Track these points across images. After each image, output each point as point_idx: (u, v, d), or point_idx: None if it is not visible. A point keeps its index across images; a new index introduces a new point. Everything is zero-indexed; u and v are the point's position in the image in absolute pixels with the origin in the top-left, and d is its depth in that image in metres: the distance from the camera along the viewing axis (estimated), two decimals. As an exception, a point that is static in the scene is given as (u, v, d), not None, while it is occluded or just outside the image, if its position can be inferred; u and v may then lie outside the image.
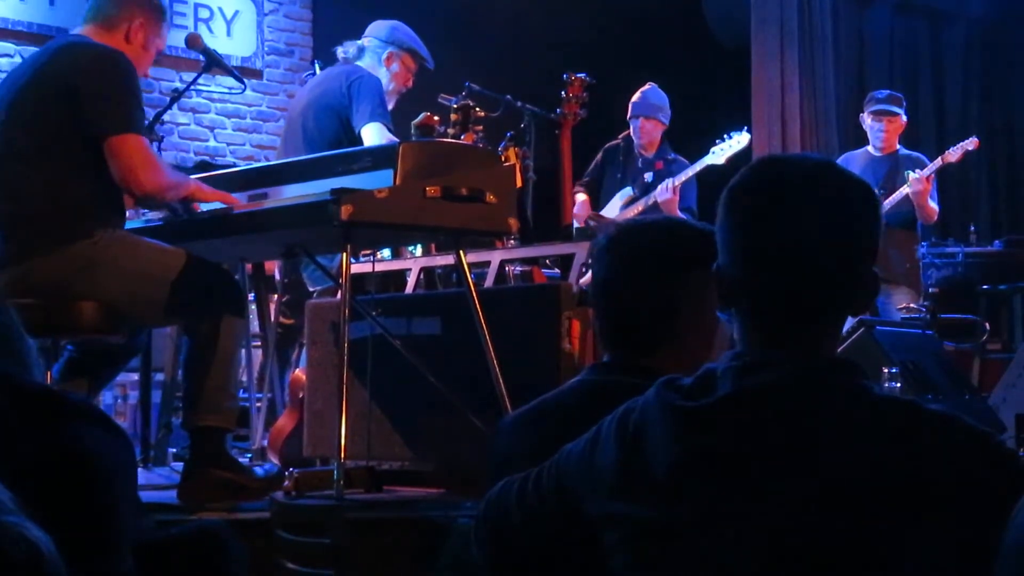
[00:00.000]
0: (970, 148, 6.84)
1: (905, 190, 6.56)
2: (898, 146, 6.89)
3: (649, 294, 2.14)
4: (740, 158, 6.45)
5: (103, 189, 3.72)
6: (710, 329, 2.16)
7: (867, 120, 6.91)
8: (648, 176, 6.77)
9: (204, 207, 3.97)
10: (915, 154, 6.90)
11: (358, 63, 5.27)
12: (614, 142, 6.93)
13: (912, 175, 6.53)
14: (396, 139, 4.83)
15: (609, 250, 2.20)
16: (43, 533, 1.27)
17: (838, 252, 1.61)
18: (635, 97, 6.83)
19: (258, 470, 3.89)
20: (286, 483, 3.51)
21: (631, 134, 6.86)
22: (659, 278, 2.14)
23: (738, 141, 6.62)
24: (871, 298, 1.67)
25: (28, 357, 1.79)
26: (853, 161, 6.86)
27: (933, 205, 6.63)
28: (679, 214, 6.52)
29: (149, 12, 4.00)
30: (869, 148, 6.93)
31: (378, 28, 5.38)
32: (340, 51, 5.37)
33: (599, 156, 6.93)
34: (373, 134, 4.94)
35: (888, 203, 6.56)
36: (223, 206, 3.93)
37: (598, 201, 6.82)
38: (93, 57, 3.76)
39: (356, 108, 5.03)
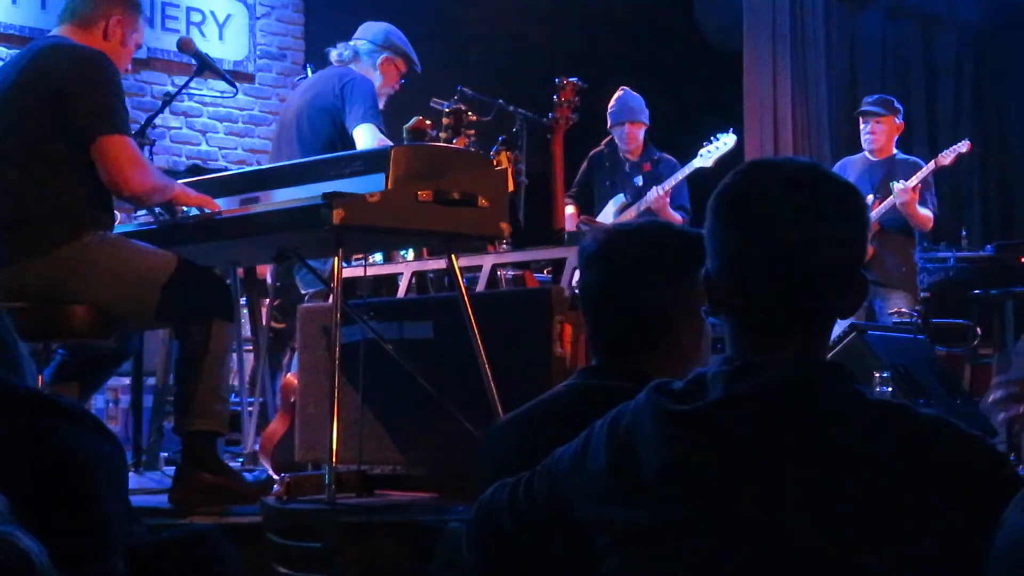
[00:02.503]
0: (962, 150, 6.85)
1: (892, 200, 6.56)
2: (895, 150, 6.88)
3: (641, 299, 2.14)
4: (729, 159, 6.47)
5: (91, 192, 3.72)
6: (699, 333, 2.16)
7: (860, 123, 6.93)
8: (638, 180, 6.79)
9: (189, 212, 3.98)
10: (912, 158, 6.89)
11: (352, 66, 5.28)
12: (598, 149, 6.96)
13: (897, 185, 6.52)
14: (388, 140, 4.84)
15: (599, 255, 2.20)
16: (35, 543, 1.27)
17: (826, 255, 1.61)
18: (612, 105, 6.86)
19: (248, 476, 3.89)
20: (277, 487, 3.51)
21: (616, 141, 6.88)
22: (651, 283, 2.14)
23: (724, 143, 6.64)
24: (860, 301, 1.67)
25: (21, 362, 1.78)
26: (850, 166, 6.86)
27: (925, 212, 6.61)
28: (672, 214, 6.55)
29: (125, 8, 3.99)
30: (865, 153, 6.93)
31: (371, 31, 5.38)
32: (333, 53, 5.37)
33: (584, 165, 6.96)
34: (365, 135, 4.94)
35: (882, 207, 6.56)
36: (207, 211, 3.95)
37: (591, 209, 6.83)
38: (77, 59, 3.76)
39: (349, 110, 5.03)
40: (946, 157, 6.78)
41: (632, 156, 6.86)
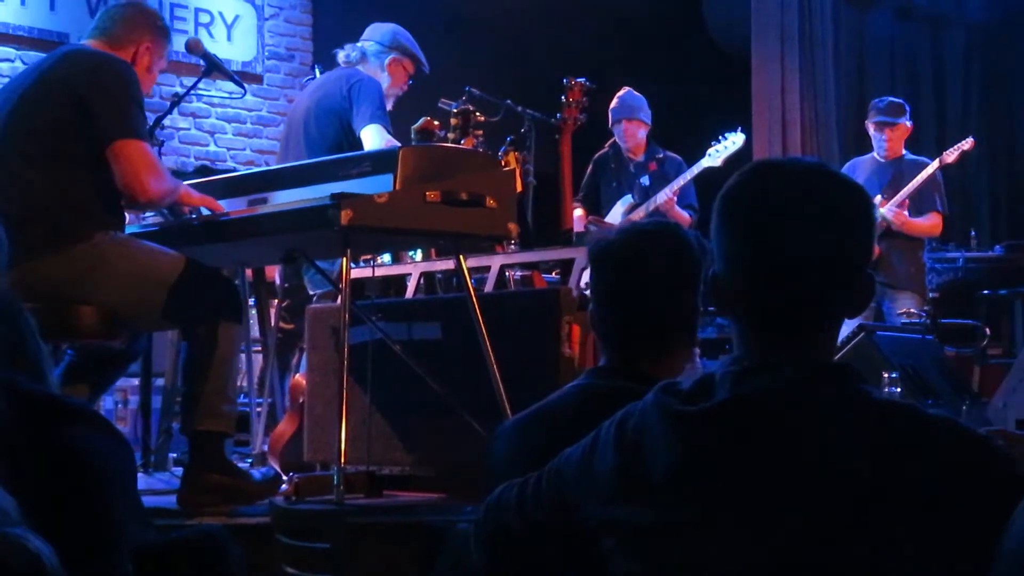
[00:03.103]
0: (966, 148, 6.85)
1: (887, 216, 6.55)
2: (904, 151, 6.88)
3: (652, 301, 2.15)
4: (737, 159, 6.47)
5: (102, 193, 3.73)
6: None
7: (871, 129, 6.92)
8: (644, 180, 6.78)
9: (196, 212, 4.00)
10: (921, 159, 6.88)
11: (359, 67, 5.28)
12: (602, 152, 6.94)
13: (883, 211, 6.52)
14: (396, 141, 4.84)
15: (611, 256, 2.20)
16: (45, 544, 1.27)
17: (833, 256, 1.61)
18: (612, 104, 6.86)
19: (255, 474, 3.90)
20: (285, 487, 3.51)
21: (617, 140, 6.87)
22: (662, 285, 2.15)
23: (733, 142, 6.63)
24: (867, 301, 1.67)
25: (42, 364, 1.79)
26: (859, 167, 6.86)
27: (926, 221, 6.64)
28: (681, 212, 6.54)
29: (156, 36, 4.04)
30: (875, 154, 6.92)
31: (379, 32, 5.39)
32: (341, 54, 5.37)
33: (590, 168, 6.94)
34: (373, 136, 4.94)
35: (889, 207, 6.56)
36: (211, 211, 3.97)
37: (599, 211, 6.82)
38: (98, 64, 3.80)
39: (356, 111, 5.04)
40: (950, 155, 6.79)
41: (635, 155, 6.85)
